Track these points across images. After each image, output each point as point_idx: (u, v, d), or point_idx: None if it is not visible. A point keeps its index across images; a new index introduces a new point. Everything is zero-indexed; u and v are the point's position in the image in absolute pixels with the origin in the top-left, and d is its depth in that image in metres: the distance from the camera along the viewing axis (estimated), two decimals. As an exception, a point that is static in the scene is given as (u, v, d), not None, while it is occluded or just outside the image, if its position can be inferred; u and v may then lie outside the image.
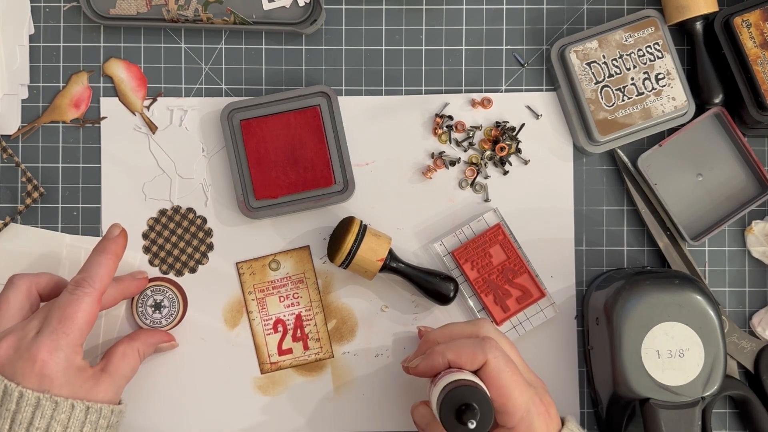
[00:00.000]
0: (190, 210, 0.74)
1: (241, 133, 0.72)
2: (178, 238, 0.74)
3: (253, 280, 0.74)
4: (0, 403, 0.61)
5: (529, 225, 0.75)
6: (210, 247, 0.74)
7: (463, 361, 0.62)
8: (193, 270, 0.74)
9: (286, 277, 0.74)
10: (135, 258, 0.74)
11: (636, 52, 0.72)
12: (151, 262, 0.74)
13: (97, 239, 0.74)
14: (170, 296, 0.73)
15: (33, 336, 0.63)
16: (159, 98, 0.75)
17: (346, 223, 0.71)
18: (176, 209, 0.74)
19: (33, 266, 0.73)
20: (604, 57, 0.72)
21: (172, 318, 0.73)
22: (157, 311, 0.73)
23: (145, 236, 0.74)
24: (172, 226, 0.74)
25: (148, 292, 0.73)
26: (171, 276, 0.74)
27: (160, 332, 0.72)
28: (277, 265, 0.74)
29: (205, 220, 0.74)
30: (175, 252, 0.74)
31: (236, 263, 0.74)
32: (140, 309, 0.72)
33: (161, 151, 0.74)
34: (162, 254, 0.74)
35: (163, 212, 0.74)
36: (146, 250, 0.74)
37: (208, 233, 0.74)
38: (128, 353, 0.68)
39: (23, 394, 0.61)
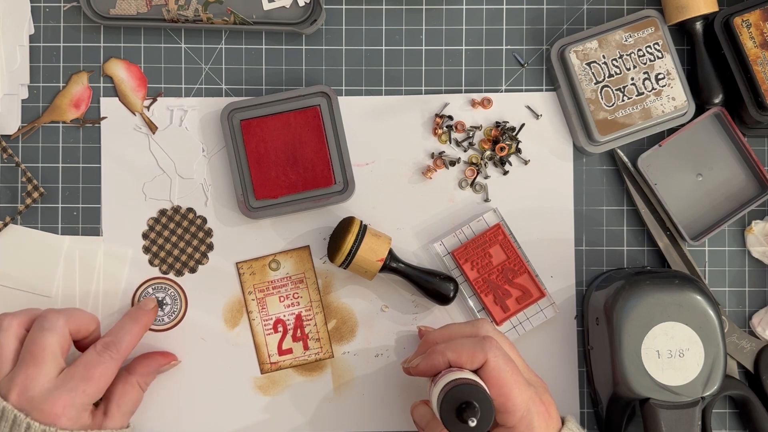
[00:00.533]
0: (190, 210, 0.74)
1: (241, 133, 0.72)
2: (178, 238, 0.74)
3: (253, 280, 0.74)
4: (9, 431, 0.62)
5: (529, 225, 0.75)
6: (210, 247, 0.74)
7: (464, 360, 0.62)
8: (193, 270, 0.74)
9: (286, 277, 0.74)
10: (126, 254, 0.74)
11: (636, 52, 0.73)
12: (151, 262, 0.74)
13: (95, 239, 0.74)
14: (172, 294, 0.73)
15: (45, 385, 0.63)
16: (159, 98, 0.75)
17: (346, 223, 0.71)
18: (176, 209, 0.74)
19: (32, 266, 0.73)
20: (604, 57, 0.72)
21: (174, 315, 0.73)
22: (160, 309, 0.73)
23: (145, 236, 0.74)
24: (172, 226, 0.74)
25: (150, 290, 0.73)
26: (171, 276, 0.74)
27: (157, 357, 0.72)
28: (277, 265, 0.74)
29: (205, 220, 0.74)
30: (175, 252, 0.74)
31: (236, 263, 0.74)
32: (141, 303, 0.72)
33: (161, 151, 0.74)
34: (162, 254, 0.74)
35: (163, 212, 0.74)
36: (146, 250, 0.74)
37: (208, 233, 0.74)
38: (127, 389, 0.68)
39: (31, 426, 0.61)
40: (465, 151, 0.75)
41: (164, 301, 0.73)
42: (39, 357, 0.64)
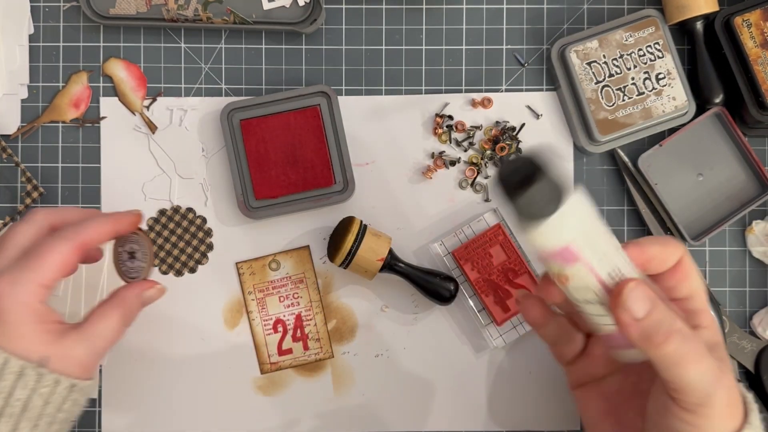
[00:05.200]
0: (189, 210, 0.74)
1: (241, 133, 0.72)
2: (178, 238, 0.74)
3: (253, 280, 0.74)
4: None
5: (530, 225, 0.74)
6: (210, 247, 0.74)
7: (650, 254, 0.52)
8: (192, 270, 0.74)
9: (286, 277, 0.74)
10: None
11: (636, 52, 0.72)
12: (150, 262, 0.74)
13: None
14: (135, 239, 0.66)
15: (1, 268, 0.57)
16: (159, 98, 0.74)
17: (346, 223, 0.71)
18: (176, 209, 0.74)
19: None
20: (604, 57, 0.72)
21: (146, 258, 0.66)
22: (134, 259, 0.66)
23: (144, 236, 0.74)
24: (171, 226, 0.74)
25: (119, 248, 0.66)
26: (171, 276, 0.74)
27: (139, 284, 0.64)
28: (277, 265, 0.74)
29: (204, 220, 0.74)
30: (175, 252, 0.74)
31: (236, 263, 0.74)
32: (123, 268, 0.66)
33: (161, 150, 0.74)
34: (162, 254, 0.74)
35: (162, 212, 0.74)
36: (146, 250, 0.74)
37: (208, 233, 0.74)
38: (107, 312, 0.60)
39: (8, 361, 0.55)
40: (465, 151, 0.75)
41: (132, 250, 0.66)
42: (5, 245, 0.59)
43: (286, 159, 0.72)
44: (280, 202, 0.73)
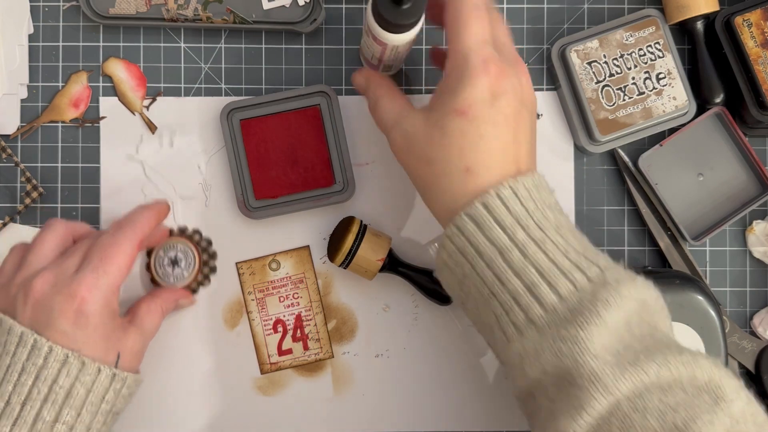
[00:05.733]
0: (196, 231, 0.74)
1: (241, 133, 0.72)
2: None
3: (253, 281, 0.74)
4: (27, 357, 0.60)
5: (530, 225, 0.74)
6: (213, 269, 0.74)
7: None
8: (194, 291, 0.74)
9: (285, 277, 0.74)
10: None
11: (637, 52, 0.72)
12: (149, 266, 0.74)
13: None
14: (182, 248, 0.72)
15: (72, 273, 0.62)
16: (159, 98, 0.74)
17: (346, 223, 0.71)
18: (182, 230, 0.74)
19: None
20: (604, 56, 0.72)
21: (191, 268, 0.72)
22: (176, 266, 0.72)
23: (144, 236, 0.74)
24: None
25: (161, 253, 0.72)
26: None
27: (180, 290, 0.72)
28: (277, 265, 0.74)
29: (210, 243, 0.74)
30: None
31: (236, 263, 0.74)
32: (160, 272, 0.72)
33: (159, 176, 0.74)
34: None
35: (170, 233, 0.74)
36: (147, 253, 0.74)
37: (213, 256, 0.74)
38: (152, 309, 0.67)
39: (53, 350, 0.59)
40: (465, 150, 0.75)
41: (177, 258, 0.72)
42: (76, 248, 0.64)
43: (286, 159, 0.72)
44: (280, 202, 0.72)
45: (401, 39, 0.63)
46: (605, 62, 0.72)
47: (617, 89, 0.72)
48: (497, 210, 0.56)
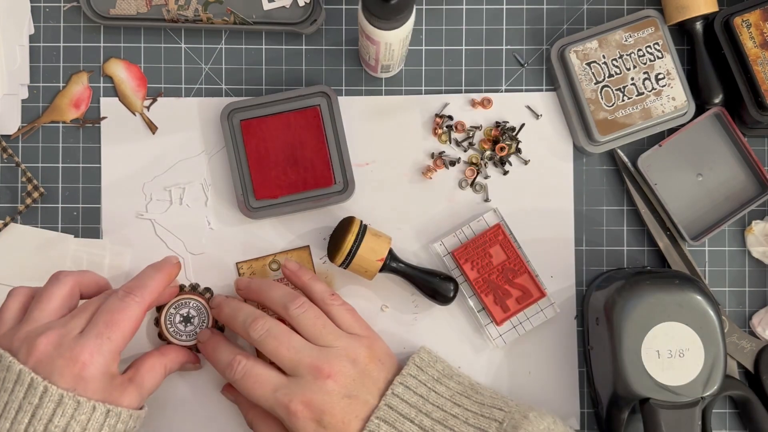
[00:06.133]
0: (207, 290, 0.74)
1: (241, 133, 0.72)
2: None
3: (253, 280, 0.74)
4: (23, 396, 0.60)
5: (529, 225, 0.75)
6: (216, 323, 0.74)
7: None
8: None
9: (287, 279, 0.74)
10: (125, 254, 0.74)
11: (636, 52, 0.73)
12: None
13: (98, 241, 0.74)
14: (195, 305, 0.72)
15: (76, 335, 0.63)
16: (159, 98, 0.75)
17: (346, 223, 0.71)
18: (194, 287, 0.73)
19: (34, 266, 0.73)
20: (604, 57, 0.72)
21: (204, 326, 0.72)
22: (189, 324, 0.72)
23: (145, 236, 0.74)
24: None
25: (172, 310, 0.72)
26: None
27: (188, 352, 0.71)
28: (277, 266, 0.74)
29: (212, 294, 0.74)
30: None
31: (236, 263, 0.74)
32: (171, 329, 0.72)
33: (168, 233, 0.74)
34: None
35: (181, 288, 0.73)
36: (146, 250, 0.74)
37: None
38: (156, 367, 0.67)
39: (47, 389, 0.60)
40: (465, 151, 0.75)
41: (190, 315, 0.72)
42: (81, 310, 0.64)
43: (286, 159, 0.72)
44: (280, 202, 0.73)
45: (393, 36, 0.63)
46: (604, 63, 0.72)
47: (616, 90, 0.72)
48: (399, 406, 0.65)
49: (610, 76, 0.72)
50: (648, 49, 0.73)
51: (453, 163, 0.75)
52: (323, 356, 0.65)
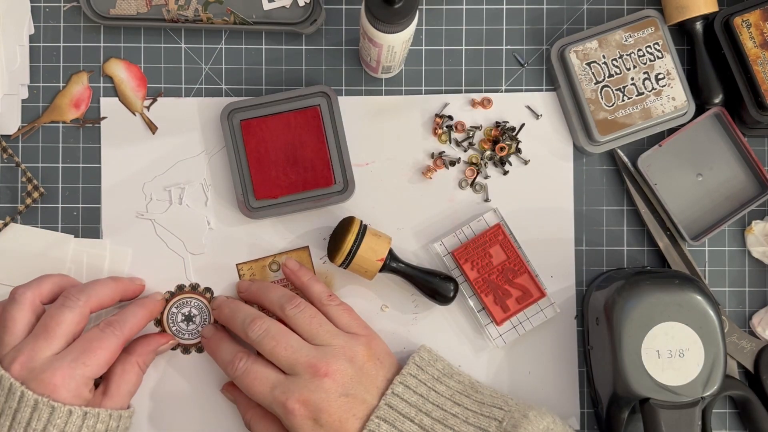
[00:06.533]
0: (207, 290, 0.74)
1: (241, 133, 0.72)
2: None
3: (253, 280, 0.74)
4: (4, 400, 0.62)
5: (529, 225, 0.75)
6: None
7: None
8: (200, 350, 0.74)
9: (286, 278, 0.74)
10: (126, 254, 0.74)
11: (636, 52, 0.73)
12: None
13: (98, 241, 0.74)
14: (196, 304, 0.73)
15: (49, 357, 0.63)
16: (159, 98, 0.75)
17: (346, 223, 0.71)
18: (194, 287, 0.74)
19: (34, 266, 0.73)
20: (604, 57, 0.72)
21: (206, 324, 0.73)
22: (191, 322, 0.73)
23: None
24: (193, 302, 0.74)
25: (174, 309, 0.73)
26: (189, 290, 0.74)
27: (155, 337, 0.72)
28: (277, 267, 0.74)
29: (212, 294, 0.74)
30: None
31: (236, 265, 0.74)
32: (173, 328, 0.73)
33: (168, 233, 0.74)
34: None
35: (180, 287, 0.74)
36: (146, 250, 0.74)
37: None
38: (127, 369, 0.68)
39: (24, 394, 0.61)
40: (465, 151, 0.75)
41: (191, 314, 0.73)
42: (52, 332, 0.64)
43: (286, 159, 0.72)
44: (280, 202, 0.73)
45: (396, 39, 0.63)
46: (604, 63, 0.72)
47: (616, 90, 0.72)
48: (399, 405, 0.65)
49: (610, 76, 0.72)
50: (648, 49, 0.73)
51: (453, 163, 0.75)
52: (320, 355, 0.65)
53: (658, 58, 0.73)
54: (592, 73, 0.72)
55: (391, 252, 0.71)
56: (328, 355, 0.66)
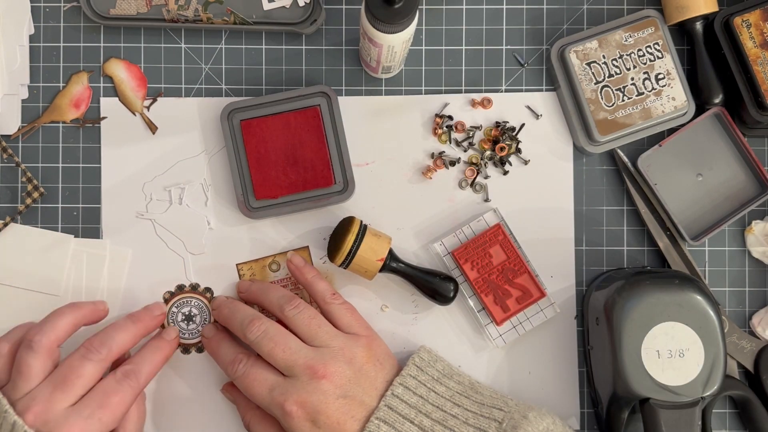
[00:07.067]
0: (207, 290, 0.74)
1: (241, 133, 0.72)
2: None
3: (253, 280, 0.74)
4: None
5: (529, 225, 0.75)
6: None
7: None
8: (200, 350, 0.74)
9: (286, 278, 0.74)
10: (126, 254, 0.73)
11: (636, 52, 0.73)
12: (151, 262, 0.74)
13: (98, 241, 0.74)
14: (197, 304, 0.73)
15: (65, 409, 0.62)
16: (159, 98, 0.75)
17: (346, 223, 0.71)
18: (194, 287, 0.74)
19: (34, 266, 0.73)
20: (604, 57, 0.72)
21: (206, 323, 0.73)
22: (191, 322, 0.73)
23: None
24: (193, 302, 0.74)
25: (174, 309, 0.73)
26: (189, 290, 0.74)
27: (159, 354, 0.69)
28: (277, 266, 0.74)
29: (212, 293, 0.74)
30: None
31: (237, 265, 0.74)
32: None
33: (168, 233, 0.73)
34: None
35: (180, 287, 0.74)
36: (146, 250, 0.74)
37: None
38: (132, 408, 0.67)
39: (15, 425, 0.60)
40: (465, 151, 0.75)
41: (192, 313, 0.73)
42: (70, 384, 0.63)
43: (286, 159, 0.72)
44: (280, 203, 0.73)
45: (396, 39, 0.63)
46: (604, 63, 0.72)
47: (616, 90, 0.72)
48: (398, 406, 0.65)
49: (610, 76, 0.72)
50: (648, 49, 0.73)
51: (453, 163, 0.75)
52: (318, 357, 0.65)
53: (658, 58, 0.73)
54: (592, 73, 0.72)
55: (391, 252, 0.71)
56: (327, 356, 0.66)
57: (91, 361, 0.64)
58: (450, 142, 0.75)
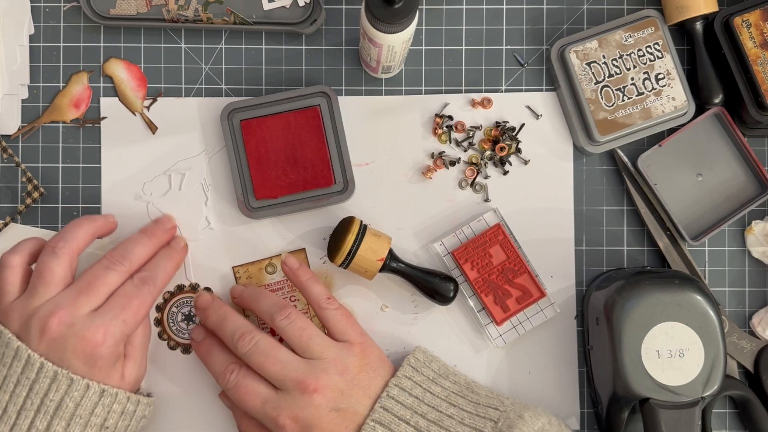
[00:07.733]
0: (207, 289, 0.74)
1: (241, 133, 0.72)
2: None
3: (250, 284, 0.74)
4: (21, 371, 0.62)
5: (529, 225, 0.75)
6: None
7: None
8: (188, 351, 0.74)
9: (282, 280, 0.74)
10: None
11: (636, 52, 0.73)
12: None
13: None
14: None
15: (89, 314, 0.63)
16: (159, 98, 0.75)
17: (346, 223, 0.71)
18: (194, 287, 0.74)
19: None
20: (604, 57, 0.72)
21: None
22: (191, 322, 0.73)
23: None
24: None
25: (174, 308, 0.73)
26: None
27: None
28: (273, 269, 0.74)
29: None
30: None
31: (233, 267, 0.74)
32: (173, 328, 0.73)
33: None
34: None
35: (180, 287, 0.74)
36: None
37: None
38: (145, 323, 0.69)
39: (44, 366, 0.62)
40: (465, 151, 0.75)
41: (191, 313, 0.73)
42: (95, 291, 0.64)
43: (286, 159, 0.72)
44: (280, 203, 0.73)
45: (396, 39, 0.63)
46: (604, 63, 0.72)
47: (616, 90, 0.72)
48: (394, 408, 0.65)
49: (610, 76, 0.72)
50: (648, 49, 0.73)
51: (453, 163, 0.75)
52: (309, 370, 0.65)
53: (658, 58, 0.73)
54: (592, 73, 0.72)
55: (391, 252, 0.71)
56: (317, 369, 0.65)
57: (115, 271, 0.66)
58: (450, 142, 0.75)
